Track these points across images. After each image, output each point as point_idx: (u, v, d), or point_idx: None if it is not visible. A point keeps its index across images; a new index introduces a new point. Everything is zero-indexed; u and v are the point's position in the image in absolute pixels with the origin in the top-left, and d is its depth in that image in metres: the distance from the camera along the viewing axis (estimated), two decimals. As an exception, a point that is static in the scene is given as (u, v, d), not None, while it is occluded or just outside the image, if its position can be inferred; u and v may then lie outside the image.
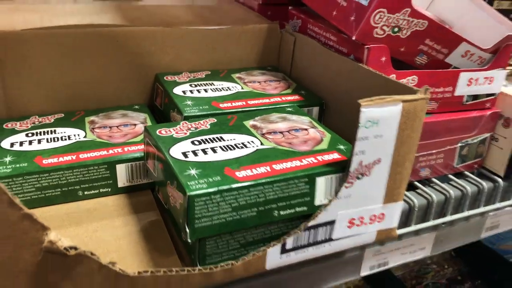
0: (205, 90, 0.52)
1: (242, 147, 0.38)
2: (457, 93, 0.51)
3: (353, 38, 0.44)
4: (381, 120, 0.35)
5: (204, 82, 0.54)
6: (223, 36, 0.60)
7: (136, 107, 0.55)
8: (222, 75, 0.57)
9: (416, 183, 0.53)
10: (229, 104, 0.48)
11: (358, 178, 0.36)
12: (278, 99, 0.51)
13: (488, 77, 0.51)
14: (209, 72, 0.58)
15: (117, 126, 0.50)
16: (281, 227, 0.37)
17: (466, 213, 0.54)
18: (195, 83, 0.54)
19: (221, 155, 0.37)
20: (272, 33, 0.61)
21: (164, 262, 0.37)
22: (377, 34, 0.44)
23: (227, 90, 0.52)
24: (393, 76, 0.46)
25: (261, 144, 0.39)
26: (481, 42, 0.51)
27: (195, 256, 0.35)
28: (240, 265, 0.35)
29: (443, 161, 0.54)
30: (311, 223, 0.36)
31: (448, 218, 0.52)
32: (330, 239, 0.38)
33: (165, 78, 0.55)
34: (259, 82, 0.55)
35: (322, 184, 0.37)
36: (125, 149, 0.46)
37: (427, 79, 0.48)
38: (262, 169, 0.35)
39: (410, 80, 0.48)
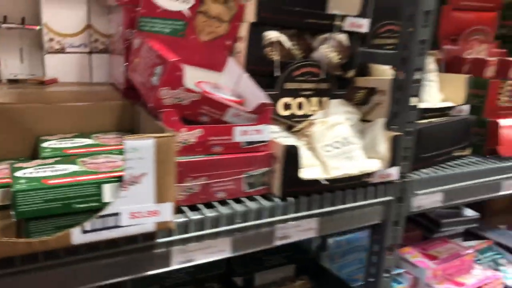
0: (65, 143, 0.76)
1: (64, 170, 0.62)
2: (234, 140, 0.77)
3: (151, 106, 0.71)
4: (140, 148, 0.59)
5: (68, 140, 0.78)
6: (90, 109, 0.85)
7: (22, 158, 0.78)
8: (84, 135, 0.81)
9: (215, 202, 0.77)
10: (76, 150, 0.72)
11: (131, 184, 0.60)
12: (114, 147, 0.75)
13: (256, 129, 0.78)
14: (77, 134, 0.82)
15: (1, 170, 0.73)
16: (83, 217, 0.59)
17: (249, 224, 0.77)
18: (62, 140, 0.78)
19: (47, 174, 0.60)
20: (127, 107, 0.88)
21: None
22: (167, 103, 0.71)
23: (80, 143, 0.76)
24: (184, 130, 0.72)
25: (78, 168, 0.63)
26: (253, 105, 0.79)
27: (25, 234, 0.57)
28: (53, 239, 0.57)
29: (234, 187, 0.78)
30: (101, 213, 0.59)
31: (231, 226, 0.76)
32: (119, 226, 0.61)
33: (41, 138, 0.79)
34: (108, 138, 0.80)
35: (108, 188, 0.60)
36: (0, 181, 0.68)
37: (210, 131, 0.75)
38: (69, 179, 0.59)
39: (197, 132, 0.74)
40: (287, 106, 0.95)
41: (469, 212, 1.55)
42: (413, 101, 0.93)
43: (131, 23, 0.87)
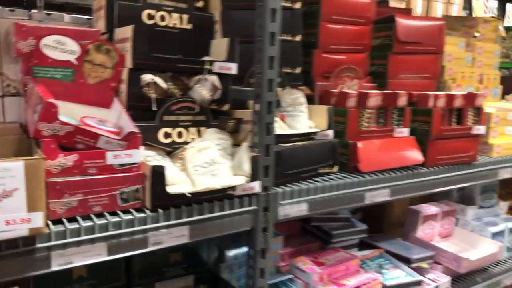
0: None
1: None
2: (108, 163, 0.95)
3: (33, 137, 0.88)
4: (11, 168, 0.76)
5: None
6: (-8, 143, 1.02)
7: None
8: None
9: (93, 215, 0.94)
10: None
11: (5, 197, 0.77)
12: (6, 172, 0.92)
13: (127, 153, 0.97)
14: (-22, 163, 0.98)
15: None
16: (-35, 225, 0.75)
17: (122, 231, 0.94)
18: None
19: None
20: (24, 140, 1.05)
21: None
22: (45, 134, 0.89)
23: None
24: (61, 155, 0.90)
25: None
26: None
27: None
28: None
29: (109, 202, 0.96)
30: (-21, 220, 0.75)
31: (105, 233, 0.92)
32: (-5, 231, 0.77)
33: None
34: (4, 166, 0.96)
35: (-15, 201, 0.76)
36: None
37: (85, 156, 0.92)
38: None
39: (73, 157, 0.91)
40: (167, 135, 1.14)
41: (360, 225, 1.76)
42: (269, 128, 1.14)
43: (28, 71, 1.05)
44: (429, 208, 1.95)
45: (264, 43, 1.09)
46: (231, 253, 1.45)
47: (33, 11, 1.61)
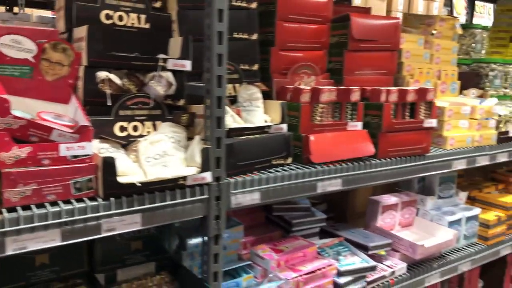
0: None
1: None
2: (61, 155, 1.01)
3: (-13, 130, 0.94)
4: (-36, 159, 0.83)
5: None
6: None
7: None
8: None
9: (47, 203, 1.00)
10: None
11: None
12: (-37, 164, 0.98)
13: (80, 146, 1.03)
14: None
15: None
16: None
17: (75, 218, 1.01)
18: None
19: None
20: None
21: None
22: (-1, 127, 0.95)
23: None
24: (15, 147, 0.96)
25: None
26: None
27: None
28: None
29: (63, 191, 1.02)
30: None
31: (58, 220, 0.99)
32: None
33: None
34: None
35: None
36: None
37: (38, 148, 0.99)
38: None
39: (27, 149, 0.97)
40: (123, 129, 1.21)
41: (320, 214, 1.84)
42: (219, 121, 1.21)
43: (-13, 69, 1.11)
44: (389, 198, 2.04)
45: (212, 42, 1.16)
46: (193, 241, 1.52)
47: (15, 9, 1.68)
